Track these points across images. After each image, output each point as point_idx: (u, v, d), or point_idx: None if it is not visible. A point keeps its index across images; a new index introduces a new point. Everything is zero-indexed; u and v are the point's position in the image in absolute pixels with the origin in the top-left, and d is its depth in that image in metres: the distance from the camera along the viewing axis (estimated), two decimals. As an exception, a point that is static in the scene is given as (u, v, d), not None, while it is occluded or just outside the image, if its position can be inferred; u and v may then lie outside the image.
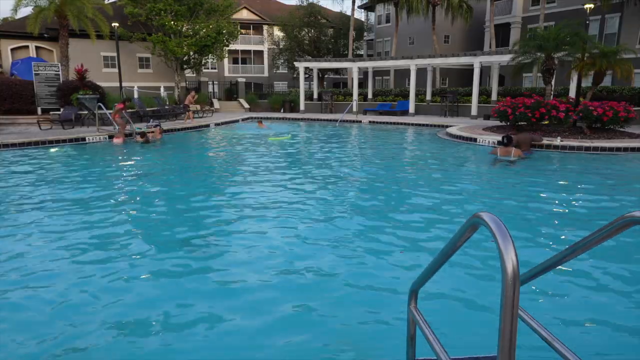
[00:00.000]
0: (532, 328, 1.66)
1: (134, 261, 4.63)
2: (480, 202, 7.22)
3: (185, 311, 3.61)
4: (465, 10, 31.90)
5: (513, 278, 1.08)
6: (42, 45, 26.58)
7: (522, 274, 1.65)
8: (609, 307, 3.75)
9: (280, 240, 5.26)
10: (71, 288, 3.98)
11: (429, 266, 1.69)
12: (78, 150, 12.77)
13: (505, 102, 15.85)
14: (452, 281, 4.06)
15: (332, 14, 40.52)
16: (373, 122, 22.66)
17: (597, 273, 4.28)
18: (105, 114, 16.53)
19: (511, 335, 1.10)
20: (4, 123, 17.74)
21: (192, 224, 5.95)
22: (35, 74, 19.26)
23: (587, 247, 1.47)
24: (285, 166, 10.36)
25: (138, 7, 24.70)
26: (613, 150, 11.98)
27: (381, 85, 37.89)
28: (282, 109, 29.24)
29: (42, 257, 4.71)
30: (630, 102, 17.11)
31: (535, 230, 5.64)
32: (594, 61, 15.07)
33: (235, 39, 28.75)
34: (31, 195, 7.40)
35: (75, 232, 5.49)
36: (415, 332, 1.85)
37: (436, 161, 11.56)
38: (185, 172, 10.19)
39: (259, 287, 4.01)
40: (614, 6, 24.44)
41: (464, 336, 3.25)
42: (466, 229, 1.37)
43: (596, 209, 6.73)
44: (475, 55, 22.97)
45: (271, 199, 7.18)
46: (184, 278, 4.24)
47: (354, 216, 6.33)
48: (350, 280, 4.17)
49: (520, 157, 10.61)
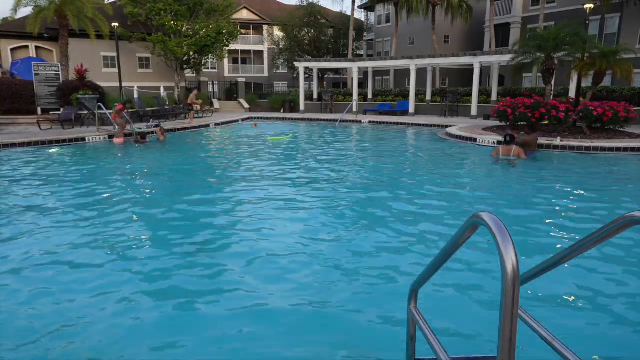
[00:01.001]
0: (532, 328, 1.66)
1: (134, 261, 4.62)
2: (480, 202, 7.22)
3: (185, 311, 3.62)
4: (465, 10, 31.89)
5: (513, 278, 1.08)
6: (42, 45, 26.59)
7: (522, 274, 1.65)
8: (609, 307, 3.75)
9: (280, 240, 5.26)
10: (70, 288, 3.98)
11: (429, 266, 1.69)
12: (78, 151, 12.77)
13: (505, 102, 15.86)
14: (452, 281, 4.06)
15: (332, 14, 40.52)
16: (373, 122, 22.66)
17: (597, 273, 4.28)
18: (105, 114, 16.54)
19: (511, 335, 1.10)
20: (4, 123, 17.74)
21: (191, 224, 5.95)
22: (35, 74, 19.26)
23: (587, 247, 1.48)
24: (284, 166, 10.36)
25: (138, 7, 24.69)
26: (613, 150, 11.98)
27: (381, 85, 37.90)
28: (282, 109, 29.24)
29: (42, 256, 4.71)
30: (630, 102, 17.13)
31: (535, 230, 5.64)
32: (594, 61, 15.08)
33: (235, 39, 28.75)
34: (31, 196, 7.40)
35: (74, 232, 5.49)
36: (415, 332, 1.86)
37: (436, 161, 11.56)
38: (185, 172, 10.19)
39: (258, 287, 4.01)
40: (614, 6, 24.43)
41: (464, 336, 3.25)
42: (466, 229, 1.37)
43: (596, 208, 6.72)
44: (475, 55, 22.97)
45: (270, 199, 7.18)
46: (184, 278, 4.24)
47: (353, 216, 6.33)
48: (350, 280, 4.17)
49: (520, 157, 10.58)
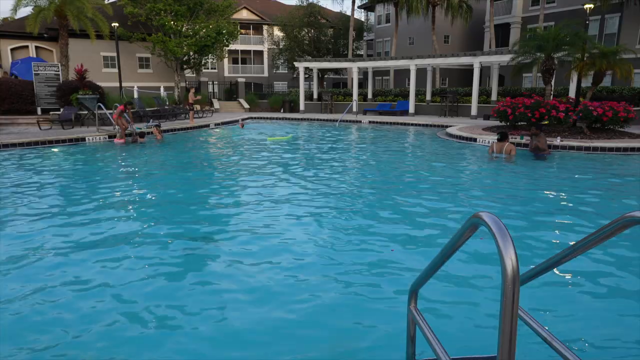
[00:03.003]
0: (532, 328, 1.66)
1: (133, 260, 4.62)
2: (480, 201, 7.22)
3: (184, 310, 3.61)
4: (465, 10, 31.90)
5: (513, 278, 1.08)
6: (42, 45, 26.61)
7: (522, 274, 1.65)
8: (609, 306, 3.75)
9: (277, 239, 5.25)
10: (68, 288, 3.98)
11: (428, 266, 1.69)
12: (78, 151, 12.77)
13: (505, 102, 15.86)
14: (452, 281, 4.06)
15: (332, 14, 40.53)
16: (373, 122, 22.65)
17: (597, 273, 4.28)
18: (105, 114, 16.54)
19: (511, 335, 1.10)
20: (3, 123, 17.74)
21: (191, 224, 5.94)
22: (35, 74, 19.26)
23: (587, 247, 1.48)
24: (283, 166, 10.35)
25: (138, 7, 24.71)
26: (613, 150, 11.98)
27: (381, 85, 37.91)
28: (282, 109, 29.25)
29: (42, 256, 4.71)
30: (630, 102, 17.13)
31: (534, 230, 5.64)
32: (593, 61, 15.07)
33: (235, 39, 28.74)
34: (30, 195, 7.40)
35: (74, 232, 5.48)
36: (415, 332, 1.85)
37: (436, 161, 11.55)
38: (184, 171, 10.18)
39: (257, 287, 4.00)
40: (614, 6, 24.44)
41: (464, 336, 3.25)
42: (466, 229, 1.37)
43: (596, 208, 6.72)
44: (475, 55, 22.97)
45: (269, 199, 7.17)
46: (183, 277, 4.24)
47: (352, 215, 6.33)
48: (349, 280, 4.17)
49: (511, 153, 10.62)
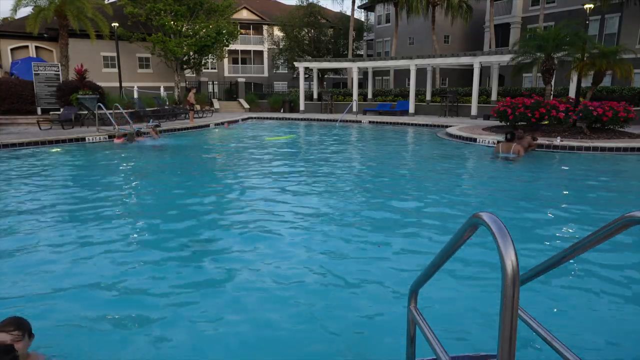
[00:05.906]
0: (532, 328, 1.66)
1: (133, 260, 4.62)
2: (479, 201, 7.22)
3: (184, 310, 3.61)
4: (465, 10, 31.90)
5: (513, 278, 1.08)
6: (42, 45, 26.61)
7: (522, 274, 1.65)
8: (609, 306, 3.74)
9: (278, 240, 5.25)
10: (68, 287, 3.98)
11: (428, 266, 1.68)
12: (78, 151, 12.77)
13: (505, 102, 15.86)
14: (452, 281, 4.05)
15: (332, 14, 40.53)
16: (373, 122, 22.66)
17: (597, 273, 4.28)
18: (105, 114, 16.53)
19: (511, 335, 1.10)
20: (3, 123, 17.74)
21: (191, 224, 5.94)
22: (35, 74, 19.26)
23: (587, 247, 1.47)
24: (283, 166, 10.36)
25: (138, 7, 24.71)
26: (613, 150, 11.98)
27: (381, 85, 37.90)
28: (282, 109, 29.25)
29: (41, 256, 4.71)
30: (630, 102, 17.12)
31: (534, 230, 5.64)
32: (593, 61, 15.08)
33: (235, 39, 28.75)
34: (30, 195, 7.40)
35: (73, 232, 5.49)
36: (415, 332, 1.85)
37: (436, 161, 11.55)
38: (183, 171, 10.18)
39: (257, 288, 4.00)
40: (614, 6, 24.43)
41: (464, 336, 3.25)
42: (466, 229, 1.36)
43: (596, 208, 6.72)
44: (475, 55, 22.97)
45: (269, 199, 7.17)
46: (182, 277, 4.24)
47: (352, 215, 6.32)
48: (349, 280, 4.16)
49: (519, 154, 10.62)
